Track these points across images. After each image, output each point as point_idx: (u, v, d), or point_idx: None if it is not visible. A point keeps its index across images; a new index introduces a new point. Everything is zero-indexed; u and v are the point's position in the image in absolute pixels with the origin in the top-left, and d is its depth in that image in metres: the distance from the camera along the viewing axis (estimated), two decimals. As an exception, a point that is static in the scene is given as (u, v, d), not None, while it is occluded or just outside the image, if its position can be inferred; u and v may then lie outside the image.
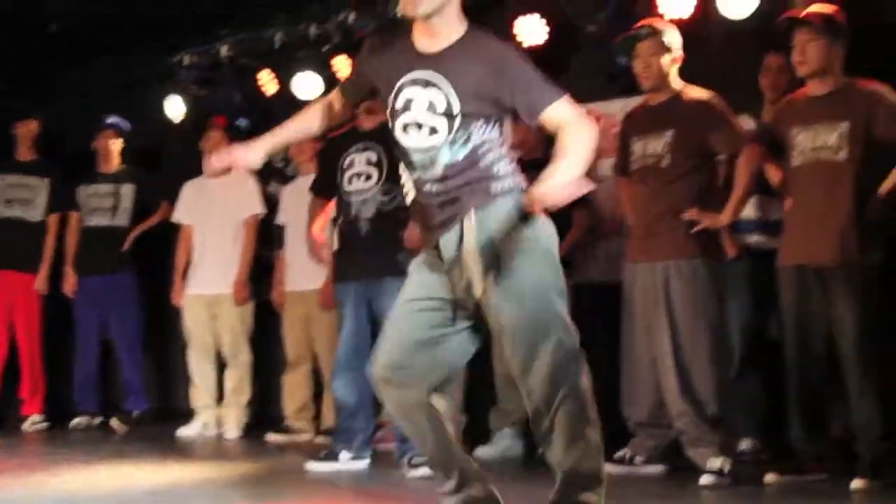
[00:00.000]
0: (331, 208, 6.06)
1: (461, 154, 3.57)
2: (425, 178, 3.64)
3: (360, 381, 5.27)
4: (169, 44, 8.29)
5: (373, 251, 5.57)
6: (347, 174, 5.74)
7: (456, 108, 3.53)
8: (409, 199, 3.80)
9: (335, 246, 5.85)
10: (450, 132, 3.55)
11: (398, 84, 3.62)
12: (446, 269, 3.62)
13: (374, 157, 5.68)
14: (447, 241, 3.59)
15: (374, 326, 5.53)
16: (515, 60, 3.57)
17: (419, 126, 3.58)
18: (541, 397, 3.56)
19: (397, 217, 5.45)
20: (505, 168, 3.62)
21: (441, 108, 3.54)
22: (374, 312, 5.60)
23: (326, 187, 6.01)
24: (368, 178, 5.66)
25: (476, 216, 3.53)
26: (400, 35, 3.69)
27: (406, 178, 3.75)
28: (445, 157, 3.58)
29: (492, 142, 3.61)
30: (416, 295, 3.69)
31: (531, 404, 3.61)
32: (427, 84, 3.56)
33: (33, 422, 8.13)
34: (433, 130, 3.57)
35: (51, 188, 8.33)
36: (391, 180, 5.44)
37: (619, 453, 5.41)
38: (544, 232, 3.62)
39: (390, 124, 3.68)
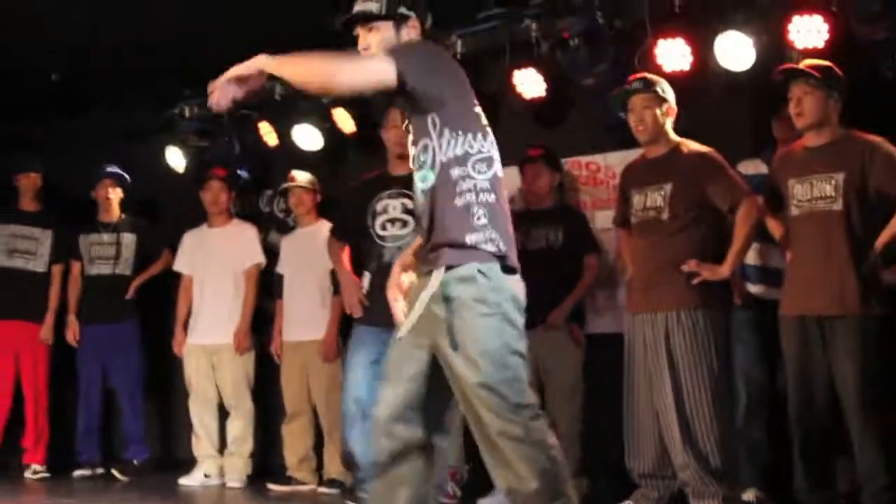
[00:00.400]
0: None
1: (432, 176, 3.60)
2: (417, 208, 3.74)
3: None
4: (169, 95, 8.36)
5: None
6: (380, 219, 5.75)
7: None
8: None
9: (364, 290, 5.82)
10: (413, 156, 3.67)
11: None
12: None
13: (410, 203, 5.55)
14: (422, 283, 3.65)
15: None
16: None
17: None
18: (510, 460, 3.55)
19: None
20: (482, 215, 3.57)
21: (413, 153, 3.70)
22: None
23: (351, 231, 6.01)
24: (405, 224, 5.64)
25: (444, 274, 3.54)
26: None
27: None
28: (420, 185, 3.65)
29: (462, 165, 3.59)
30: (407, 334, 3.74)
31: (498, 467, 3.59)
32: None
33: (35, 471, 8.14)
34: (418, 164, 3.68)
35: (54, 239, 8.37)
36: None
37: (624, 504, 5.45)
38: (506, 295, 3.60)
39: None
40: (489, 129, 3.69)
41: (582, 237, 6.41)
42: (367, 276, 5.82)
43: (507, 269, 3.61)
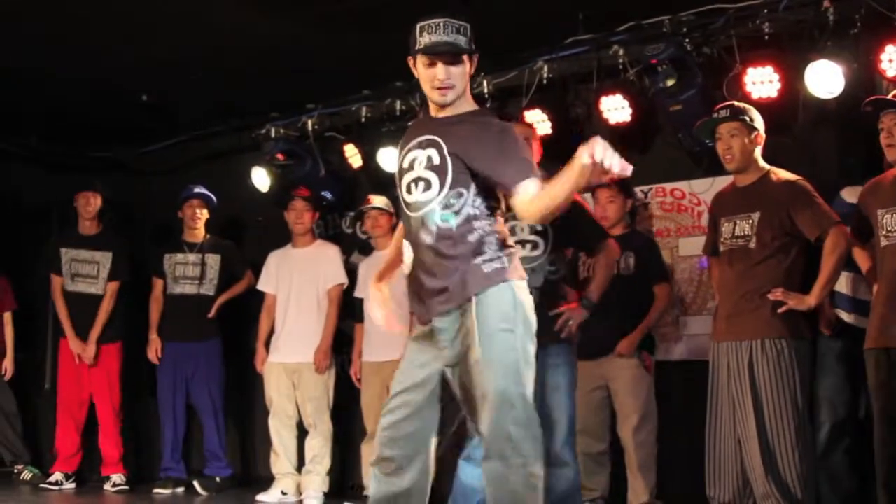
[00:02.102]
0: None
1: (453, 222, 3.87)
2: (421, 242, 3.94)
3: None
4: (256, 116, 8.48)
5: (540, 321, 5.39)
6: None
7: (447, 164, 3.87)
8: (406, 271, 4.11)
9: None
10: (441, 188, 3.87)
11: (408, 146, 4.01)
12: (441, 347, 3.94)
13: (538, 225, 5.39)
14: (446, 324, 3.93)
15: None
16: (499, 132, 3.89)
17: (418, 181, 3.92)
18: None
19: (560, 287, 5.42)
20: (495, 248, 3.90)
21: (435, 162, 3.89)
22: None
23: None
24: (535, 246, 5.39)
25: (476, 301, 3.84)
26: (421, 118, 4.23)
27: (406, 248, 4.05)
28: (437, 218, 3.87)
29: (482, 217, 3.90)
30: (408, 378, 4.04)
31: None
32: (428, 144, 3.95)
33: (115, 483, 8.25)
34: (428, 185, 3.90)
35: (112, 260, 8.44)
36: (556, 250, 5.38)
37: (704, 532, 5.40)
38: (525, 315, 3.92)
39: (398, 186, 4.04)
40: None
41: (652, 265, 6.38)
42: None
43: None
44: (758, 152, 5.42)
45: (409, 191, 3.96)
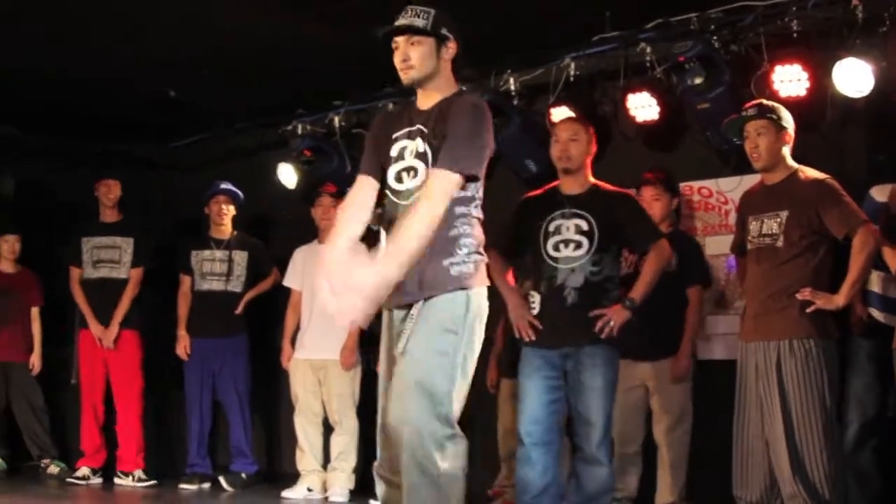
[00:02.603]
0: None
1: None
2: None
3: (552, 456, 5.32)
4: (282, 113, 8.49)
5: (577, 320, 5.33)
6: (553, 240, 5.44)
7: (429, 152, 3.96)
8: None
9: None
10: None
11: (395, 136, 4.09)
12: (395, 335, 4.04)
13: (584, 225, 5.39)
14: (401, 315, 4.03)
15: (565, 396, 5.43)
16: (460, 114, 3.93)
17: (409, 170, 4.01)
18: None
19: (604, 287, 5.39)
20: (466, 251, 3.97)
21: (420, 150, 3.99)
22: (570, 382, 5.39)
23: (518, 251, 5.70)
24: (579, 246, 5.38)
25: (426, 303, 3.91)
26: (408, 102, 4.25)
27: (381, 237, 4.09)
28: None
29: (464, 202, 3.96)
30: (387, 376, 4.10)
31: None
32: (416, 133, 4.05)
33: (139, 478, 8.28)
34: (416, 173, 3.99)
35: (134, 245, 8.44)
36: (601, 250, 5.37)
37: (731, 532, 5.37)
38: (473, 323, 3.96)
39: (387, 174, 4.11)
40: None
41: (691, 266, 6.30)
42: (535, 298, 5.50)
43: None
44: (786, 151, 5.38)
45: (399, 180, 4.04)
